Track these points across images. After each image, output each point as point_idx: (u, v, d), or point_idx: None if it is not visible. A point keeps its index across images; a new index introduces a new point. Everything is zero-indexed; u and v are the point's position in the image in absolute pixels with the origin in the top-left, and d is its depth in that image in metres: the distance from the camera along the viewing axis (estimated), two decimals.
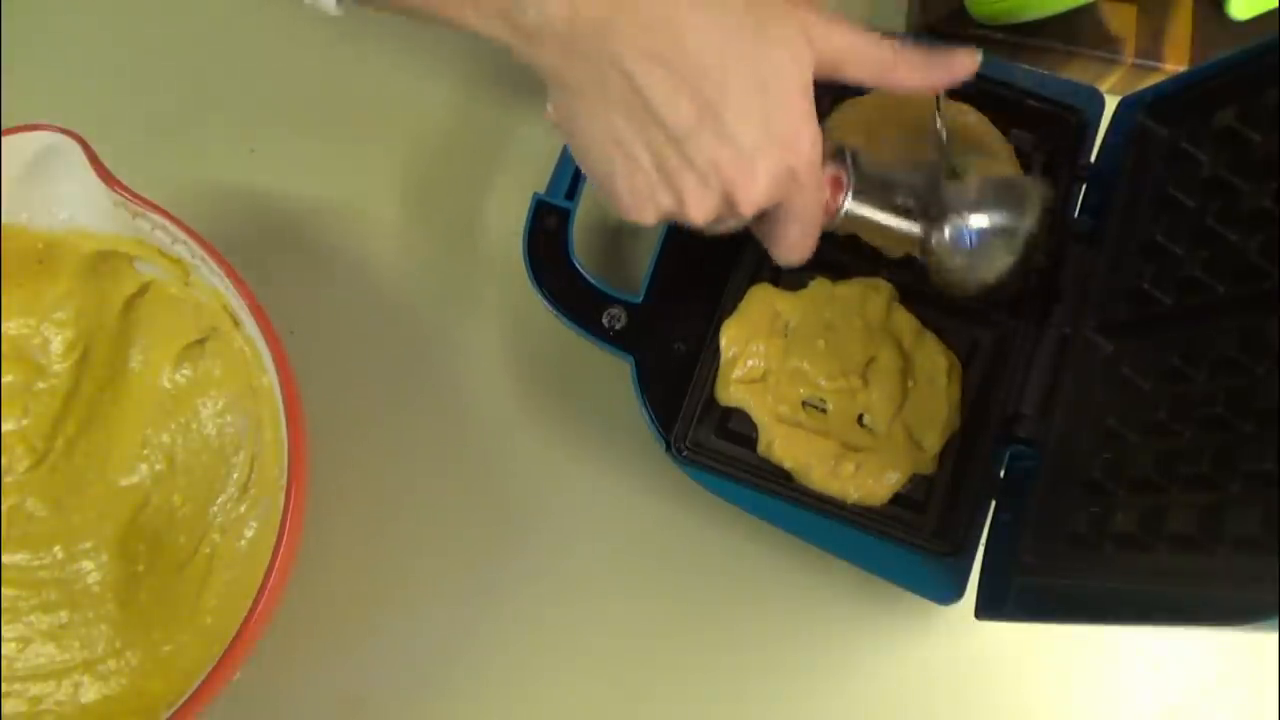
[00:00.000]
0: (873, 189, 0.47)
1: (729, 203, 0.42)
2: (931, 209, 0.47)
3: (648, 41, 0.38)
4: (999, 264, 0.47)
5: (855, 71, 0.43)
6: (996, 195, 0.47)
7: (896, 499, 0.51)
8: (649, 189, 0.41)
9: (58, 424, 0.53)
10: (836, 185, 0.46)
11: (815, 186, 0.43)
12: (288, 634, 0.50)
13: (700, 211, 0.42)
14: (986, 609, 0.48)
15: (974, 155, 0.53)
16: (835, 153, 0.46)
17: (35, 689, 0.50)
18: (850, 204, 0.46)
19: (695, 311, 0.52)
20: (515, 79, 0.61)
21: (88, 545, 0.52)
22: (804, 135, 0.41)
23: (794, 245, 0.45)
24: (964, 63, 0.44)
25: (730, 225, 0.44)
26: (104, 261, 0.51)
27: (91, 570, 0.52)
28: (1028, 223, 0.47)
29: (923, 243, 0.48)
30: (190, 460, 0.53)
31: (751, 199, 0.41)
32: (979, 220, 0.46)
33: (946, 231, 0.47)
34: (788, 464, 0.51)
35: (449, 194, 0.59)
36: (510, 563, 0.55)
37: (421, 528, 0.55)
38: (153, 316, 0.53)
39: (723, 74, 0.39)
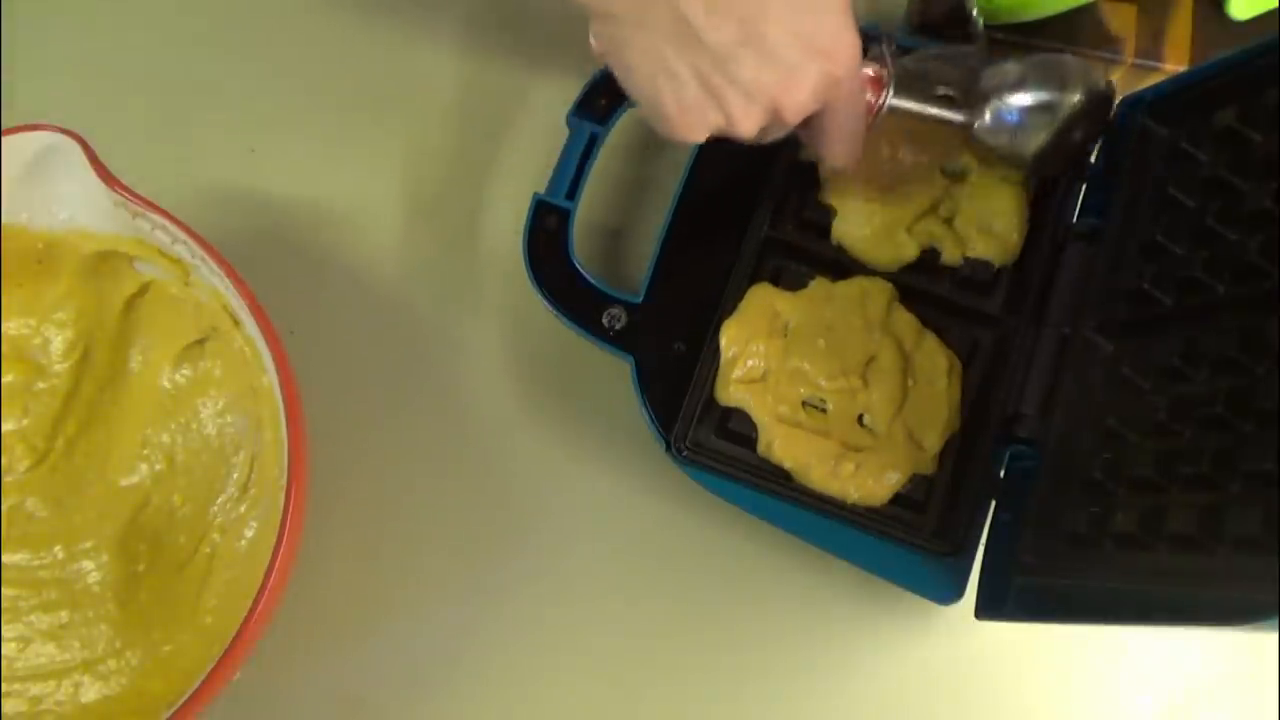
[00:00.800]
0: (912, 82, 0.49)
1: (775, 115, 0.43)
2: (972, 95, 0.49)
3: None
4: (1039, 139, 0.49)
5: None
6: (1035, 74, 0.49)
7: (896, 499, 0.51)
8: (697, 109, 0.43)
9: (58, 424, 0.53)
10: (876, 84, 0.47)
11: (856, 90, 0.45)
12: (288, 634, 0.50)
13: (748, 126, 0.43)
14: (986, 609, 0.48)
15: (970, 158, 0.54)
16: (874, 52, 0.48)
17: (35, 689, 0.50)
18: (892, 99, 0.48)
19: (695, 311, 0.52)
20: (516, 79, 0.61)
21: (88, 545, 0.52)
22: (844, 43, 0.43)
23: (842, 146, 0.47)
24: None
25: (778, 134, 0.46)
26: (104, 262, 0.51)
27: (92, 570, 0.52)
28: (1069, 98, 0.49)
29: (967, 128, 0.50)
30: (190, 460, 0.53)
31: (797, 110, 0.43)
32: (1019, 99, 0.49)
33: (987, 115, 0.49)
34: (788, 464, 0.51)
35: (449, 194, 0.59)
36: (510, 562, 0.55)
37: (421, 527, 0.55)
38: (153, 316, 0.53)
39: None
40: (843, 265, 0.53)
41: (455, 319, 0.58)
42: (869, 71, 0.47)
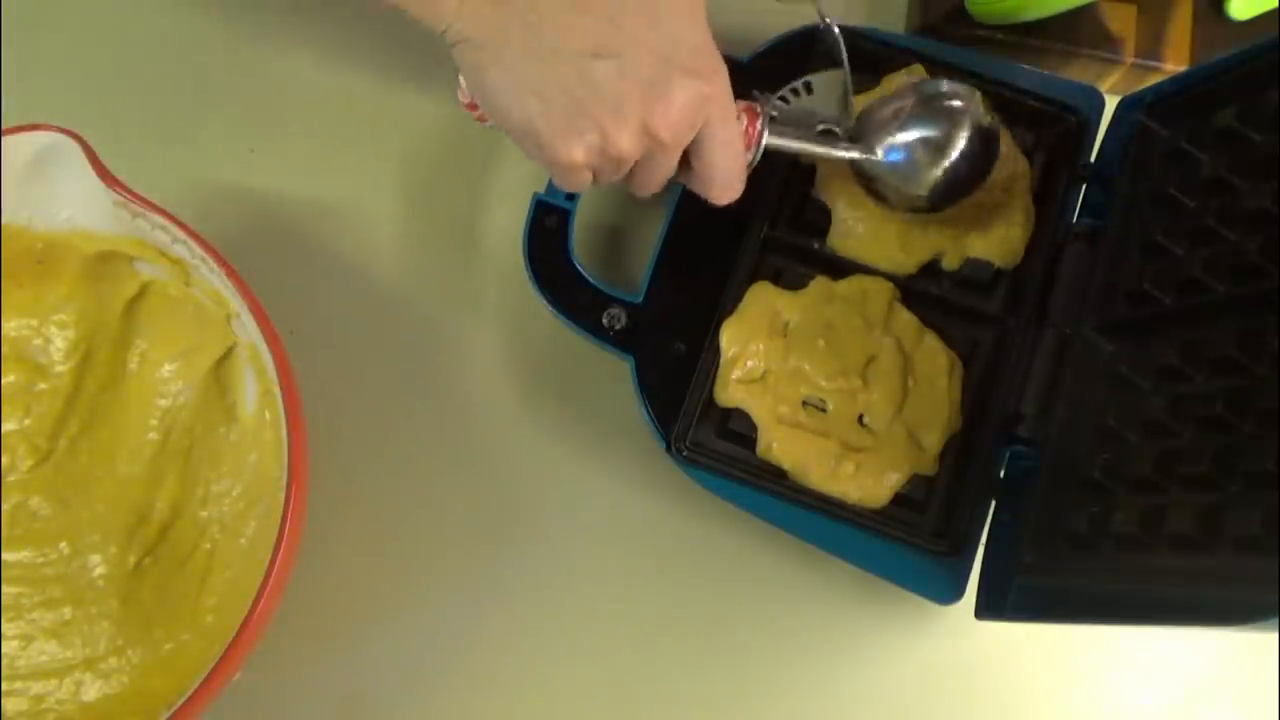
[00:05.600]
0: (790, 119, 0.49)
1: (649, 132, 0.42)
2: (856, 130, 0.50)
3: None
4: (927, 177, 0.50)
5: None
6: (920, 109, 0.50)
7: (897, 499, 0.51)
8: (569, 123, 0.42)
9: (61, 423, 0.53)
10: (752, 114, 0.47)
11: (730, 113, 0.44)
12: (288, 634, 0.50)
13: (625, 142, 0.42)
14: (986, 609, 0.48)
15: None
16: (750, 98, 0.48)
17: (37, 687, 0.50)
18: (770, 138, 0.47)
19: (695, 311, 0.52)
20: None
21: (92, 539, 0.52)
22: (706, 57, 0.43)
23: (721, 178, 0.46)
24: None
25: (662, 166, 0.45)
26: (104, 262, 0.51)
27: (97, 564, 0.52)
28: (957, 134, 0.49)
29: (853, 165, 0.50)
30: (192, 457, 0.53)
31: (671, 129, 0.42)
32: (906, 135, 0.49)
33: (878, 150, 0.49)
34: (787, 464, 0.51)
35: (449, 194, 0.59)
36: (509, 562, 0.55)
37: (421, 527, 0.55)
38: (153, 317, 0.53)
39: (614, 3, 0.40)
40: (843, 265, 0.53)
41: (455, 319, 0.58)
42: (742, 104, 0.46)
